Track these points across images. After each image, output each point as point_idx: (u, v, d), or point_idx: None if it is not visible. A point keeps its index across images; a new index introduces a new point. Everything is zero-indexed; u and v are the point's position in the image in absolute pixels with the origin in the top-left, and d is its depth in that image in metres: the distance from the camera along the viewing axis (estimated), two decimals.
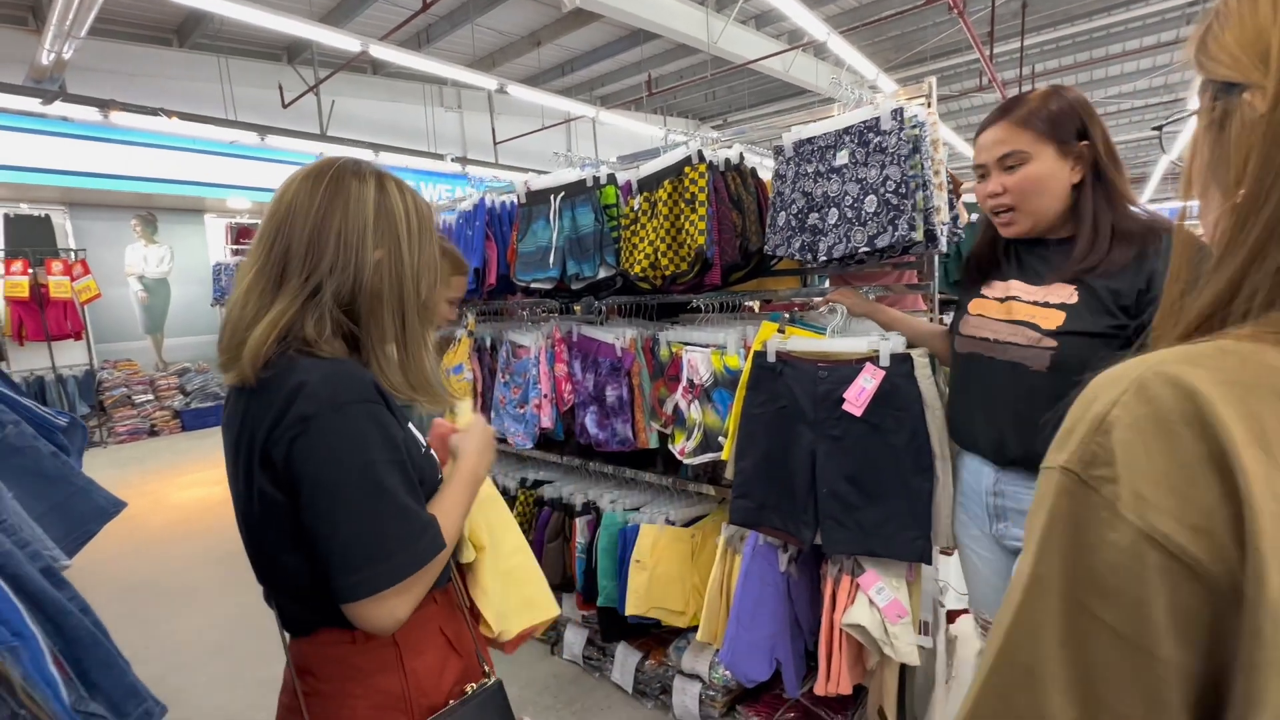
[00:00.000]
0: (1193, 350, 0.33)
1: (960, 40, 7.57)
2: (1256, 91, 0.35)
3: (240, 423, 0.78)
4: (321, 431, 0.71)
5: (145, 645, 2.70)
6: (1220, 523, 0.29)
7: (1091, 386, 0.36)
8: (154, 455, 6.16)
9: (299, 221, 0.79)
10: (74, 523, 1.25)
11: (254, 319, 0.77)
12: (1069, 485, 0.33)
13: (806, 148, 1.58)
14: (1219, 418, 0.29)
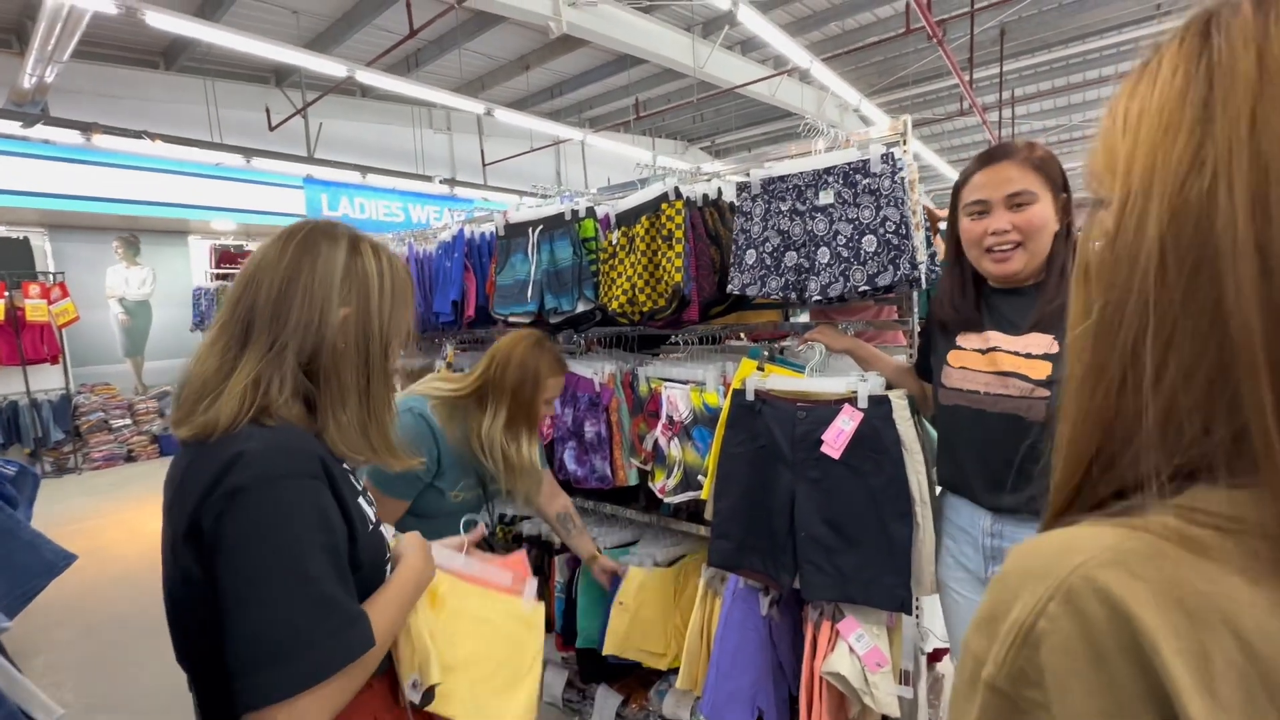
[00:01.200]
0: (1124, 548, 0.29)
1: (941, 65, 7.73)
2: (1103, 204, 0.33)
3: (180, 483, 0.73)
4: (250, 505, 0.66)
5: (106, 692, 2.59)
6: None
7: (1016, 565, 0.32)
8: (130, 482, 6.01)
9: (266, 279, 0.78)
10: (18, 579, 1.19)
11: (216, 374, 0.75)
12: (999, 704, 0.30)
13: (779, 185, 1.58)
14: (1159, 652, 0.26)
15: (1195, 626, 0.26)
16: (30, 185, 5.85)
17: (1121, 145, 0.32)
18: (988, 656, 0.31)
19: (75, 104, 6.11)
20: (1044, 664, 0.28)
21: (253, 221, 7.39)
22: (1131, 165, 0.31)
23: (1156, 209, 0.29)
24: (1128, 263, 0.31)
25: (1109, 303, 0.32)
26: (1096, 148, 0.36)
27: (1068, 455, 0.35)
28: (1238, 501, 0.28)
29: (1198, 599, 0.26)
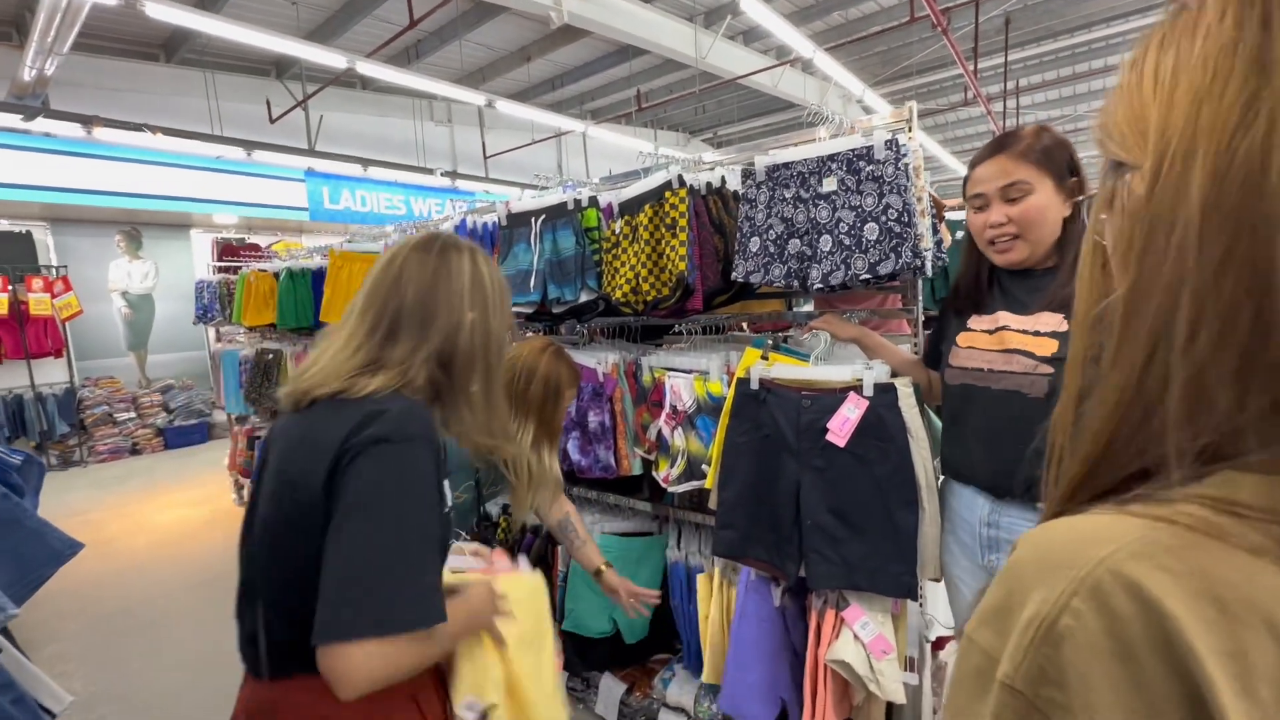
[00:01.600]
0: (1152, 539, 0.27)
1: (945, 55, 7.66)
2: (1136, 174, 0.31)
3: (306, 435, 0.81)
4: (388, 455, 0.75)
5: (115, 682, 2.61)
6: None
7: (1027, 554, 0.30)
8: (135, 475, 6.04)
9: (411, 286, 0.90)
10: (25, 568, 1.19)
11: (362, 367, 0.85)
12: (1017, 707, 0.28)
13: (783, 172, 1.56)
14: (1194, 650, 0.24)
15: (1232, 624, 0.24)
16: (32, 179, 5.85)
17: (1153, 103, 0.30)
18: (1001, 654, 0.29)
19: (76, 97, 6.09)
20: (1066, 663, 0.27)
21: (254, 215, 7.38)
22: (1167, 122, 0.29)
23: (1201, 166, 0.27)
24: (1165, 226, 0.29)
25: (1142, 271, 0.30)
26: (1115, 108, 0.34)
27: (1083, 435, 0.33)
28: (1266, 489, 0.26)
29: (1234, 594, 0.25)
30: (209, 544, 4.10)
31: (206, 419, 7.31)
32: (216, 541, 4.13)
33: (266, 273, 3.79)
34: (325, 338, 0.91)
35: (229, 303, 4.38)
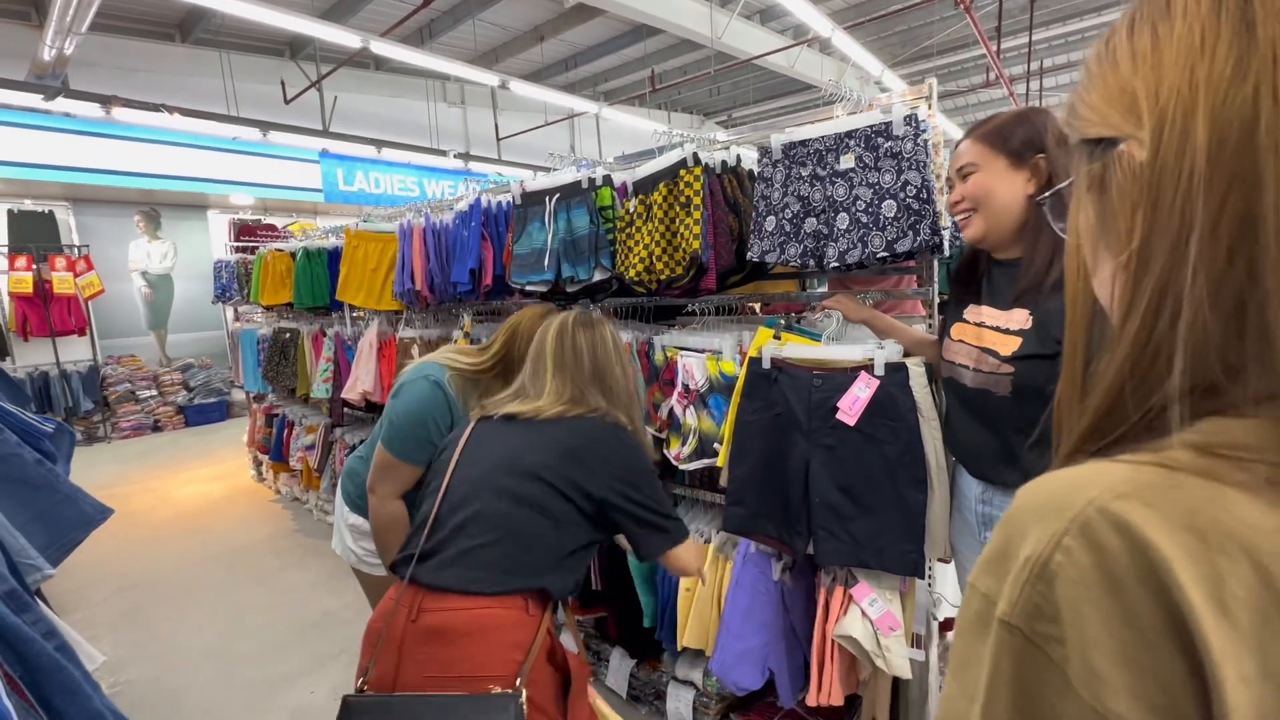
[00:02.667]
0: (1139, 479, 0.29)
1: (967, 35, 7.49)
2: (1132, 142, 0.33)
3: (571, 442, 1.20)
4: (641, 467, 1.23)
5: (143, 645, 2.70)
6: (1185, 704, 0.26)
7: (1025, 504, 0.32)
8: (157, 451, 6.19)
9: (583, 356, 1.31)
10: (59, 531, 1.24)
11: (566, 398, 1.27)
12: (1013, 643, 0.30)
13: (800, 150, 1.55)
14: (1176, 578, 0.26)
15: (1211, 552, 0.26)
16: (53, 159, 5.94)
17: (1136, 77, 0.33)
18: (999, 595, 0.31)
19: (94, 77, 6.14)
20: (1060, 597, 0.28)
21: (270, 196, 7.44)
22: (1160, 87, 0.31)
23: (1202, 122, 0.29)
24: (1172, 179, 0.30)
25: (1152, 227, 0.32)
26: (1089, 95, 0.36)
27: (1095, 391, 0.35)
28: (1253, 430, 0.28)
29: (1213, 526, 0.26)
30: (230, 517, 4.20)
31: (225, 397, 7.45)
32: (236, 515, 4.24)
33: (283, 252, 3.83)
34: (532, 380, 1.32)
35: (247, 282, 4.44)
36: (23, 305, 6.23)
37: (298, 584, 3.19)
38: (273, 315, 4.59)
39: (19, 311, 6.24)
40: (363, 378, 3.01)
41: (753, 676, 1.65)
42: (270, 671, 2.46)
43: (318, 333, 3.65)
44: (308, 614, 2.88)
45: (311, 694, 2.31)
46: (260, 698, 2.31)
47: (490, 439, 1.22)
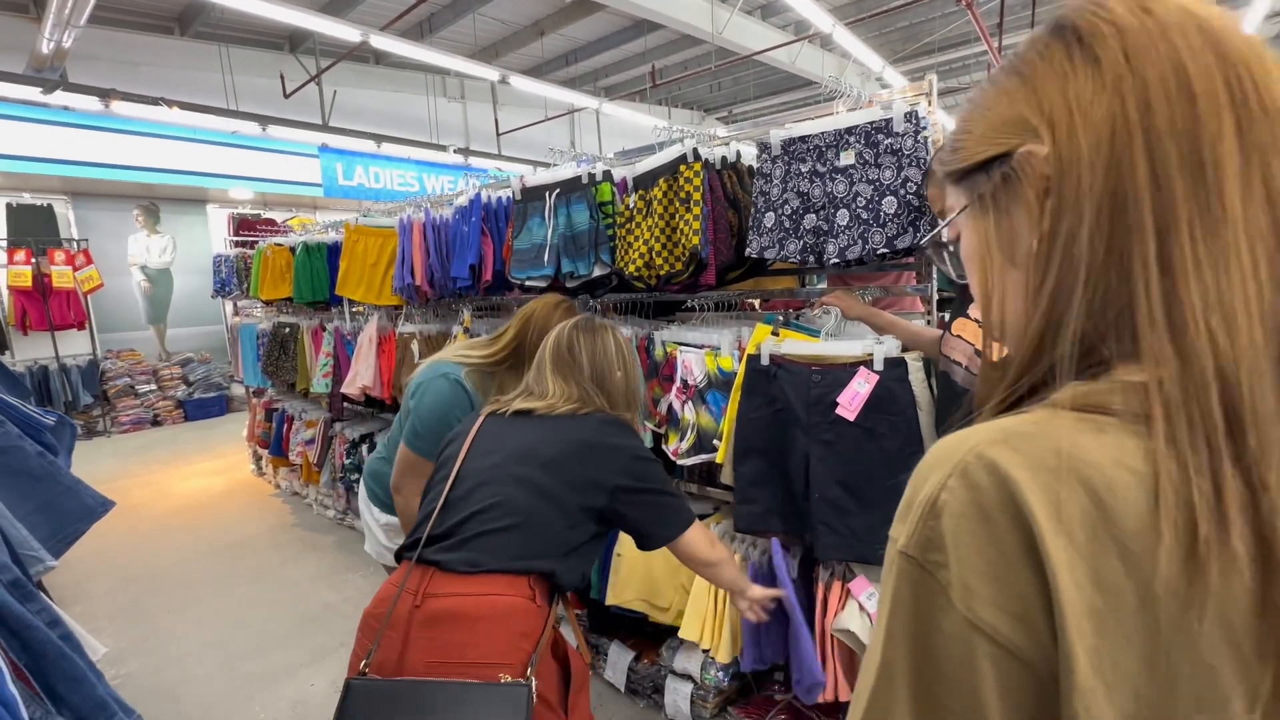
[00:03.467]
0: (1010, 428, 0.35)
1: (968, 31, 7.47)
2: (1030, 145, 0.39)
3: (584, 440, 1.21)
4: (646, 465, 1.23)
5: (143, 638, 2.71)
6: (1036, 610, 0.31)
7: (925, 461, 0.37)
8: (157, 445, 6.19)
9: (583, 356, 1.31)
10: (61, 522, 1.24)
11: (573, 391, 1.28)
12: (910, 570, 0.35)
13: (799, 146, 1.55)
14: (1029, 506, 0.31)
15: (1056, 483, 0.31)
16: (52, 152, 5.92)
17: (1021, 104, 0.40)
18: (901, 535, 0.36)
19: (93, 70, 6.12)
20: (944, 529, 0.34)
21: (269, 190, 7.43)
22: (1042, 105, 0.39)
23: (1080, 125, 0.37)
24: (1073, 172, 0.37)
25: (1059, 213, 0.37)
26: (975, 124, 0.43)
27: (1018, 366, 0.40)
28: (1108, 389, 0.34)
29: (1060, 460, 0.32)
30: (230, 511, 4.21)
31: (225, 392, 7.45)
32: (237, 509, 4.25)
33: (283, 247, 3.83)
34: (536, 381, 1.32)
35: (246, 277, 4.44)
36: (22, 299, 6.22)
37: (297, 578, 3.20)
38: (272, 310, 4.59)
39: (18, 305, 6.23)
40: (362, 372, 3.01)
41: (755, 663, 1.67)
42: (270, 664, 2.47)
43: (317, 327, 3.65)
44: (307, 608, 2.89)
45: (311, 686, 2.33)
46: (260, 690, 2.32)
47: (502, 432, 1.23)
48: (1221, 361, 0.32)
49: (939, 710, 0.34)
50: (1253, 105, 0.34)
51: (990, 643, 0.32)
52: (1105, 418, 0.33)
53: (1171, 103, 0.35)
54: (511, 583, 1.06)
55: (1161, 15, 0.36)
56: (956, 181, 0.45)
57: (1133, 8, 0.37)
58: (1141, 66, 0.36)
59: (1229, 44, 0.36)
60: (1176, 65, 0.35)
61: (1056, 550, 0.30)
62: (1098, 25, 0.37)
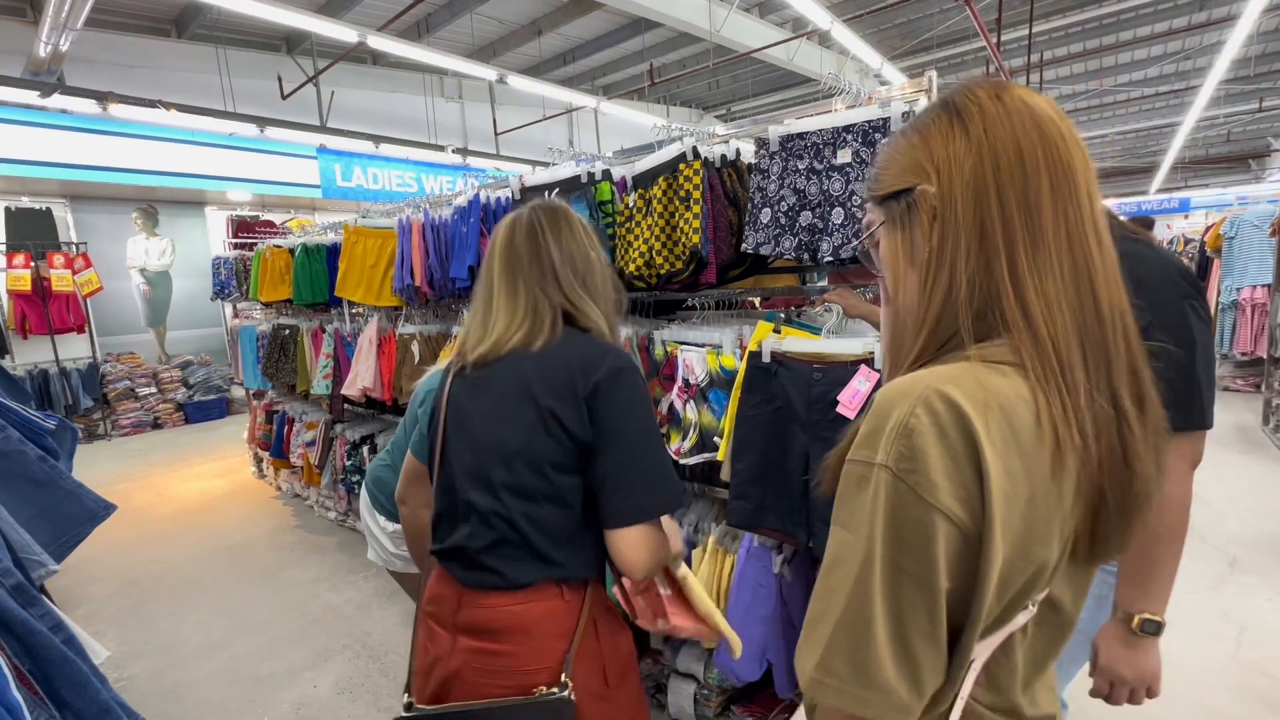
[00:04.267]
0: (949, 371, 0.50)
1: (967, 27, 7.47)
2: (925, 186, 0.56)
3: (540, 374, 0.98)
4: (631, 381, 0.97)
5: (146, 641, 2.72)
6: (975, 494, 0.46)
7: (885, 398, 0.50)
8: (157, 448, 6.19)
9: (548, 246, 1.05)
10: (63, 527, 1.24)
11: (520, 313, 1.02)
12: (888, 479, 0.48)
13: (797, 143, 1.55)
14: (973, 423, 0.46)
15: (987, 410, 0.47)
16: (50, 155, 5.91)
17: (920, 154, 0.56)
18: (876, 455, 0.49)
19: (90, 73, 6.11)
20: (915, 446, 0.47)
21: (268, 192, 7.42)
22: (933, 158, 0.55)
23: (956, 175, 0.54)
24: (949, 202, 0.54)
25: (944, 231, 0.54)
26: (889, 165, 0.60)
27: (921, 330, 0.55)
28: (1000, 347, 0.51)
29: (986, 394, 0.48)
30: (231, 514, 4.21)
31: (225, 394, 7.45)
32: (239, 511, 4.25)
33: (282, 249, 3.82)
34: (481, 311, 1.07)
35: (245, 279, 4.44)
36: (21, 303, 6.22)
37: (299, 580, 3.20)
38: (272, 312, 4.59)
39: (18, 309, 6.23)
40: (362, 374, 3.01)
41: (753, 669, 1.66)
42: (273, 666, 2.47)
43: (317, 329, 3.65)
44: (309, 609, 2.89)
45: (314, 688, 2.33)
46: (263, 692, 2.32)
47: (468, 409, 1.04)
48: (1053, 333, 0.50)
49: (900, 575, 0.48)
50: (1059, 168, 0.52)
51: (945, 520, 0.46)
52: (1002, 365, 0.50)
53: (1012, 166, 0.52)
54: (533, 590, 0.99)
55: (1008, 102, 0.54)
56: (877, 204, 0.61)
57: (991, 95, 0.55)
58: (993, 139, 0.53)
59: (1047, 127, 0.53)
60: (1015, 140, 0.53)
61: (989, 454, 0.46)
62: (969, 106, 0.55)
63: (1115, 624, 1.03)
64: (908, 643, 0.48)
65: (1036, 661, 0.57)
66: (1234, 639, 2.36)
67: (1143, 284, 0.94)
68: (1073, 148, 0.53)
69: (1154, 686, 1.02)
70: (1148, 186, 14.96)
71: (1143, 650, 1.00)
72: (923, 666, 0.48)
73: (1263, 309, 5.62)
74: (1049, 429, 0.48)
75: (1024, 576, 0.49)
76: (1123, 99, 10.67)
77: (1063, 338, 0.50)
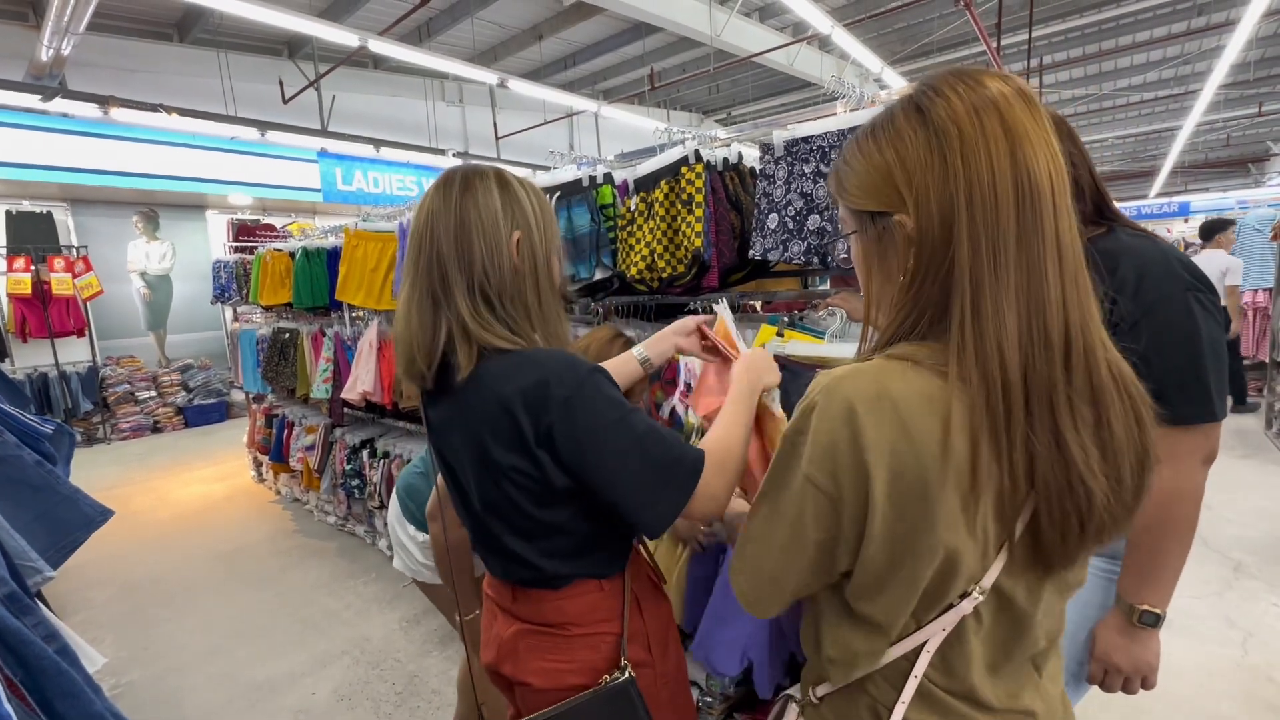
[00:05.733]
0: (857, 369, 0.59)
1: (967, 32, 7.48)
2: (902, 216, 0.59)
3: (478, 418, 0.84)
4: (587, 408, 0.81)
5: (144, 646, 2.70)
6: (847, 470, 0.57)
7: (817, 379, 0.61)
8: (157, 452, 6.18)
9: (441, 226, 0.86)
10: (59, 532, 1.23)
11: (431, 328, 0.86)
12: (788, 442, 0.62)
13: (802, 147, 1.54)
14: (859, 415, 0.56)
15: (877, 399, 0.55)
16: (51, 159, 5.92)
17: (897, 175, 0.59)
18: (791, 420, 0.62)
19: (92, 77, 6.12)
20: (808, 421, 0.59)
21: (268, 195, 7.42)
22: (911, 184, 0.58)
23: (934, 206, 0.56)
24: (927, 237, 0.57)
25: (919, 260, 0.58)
26: (856, 178, 0.63)
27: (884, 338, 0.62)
28: (920, 348, 0.58)
29: (877, 386, 0.56)
30: (230, 517, 4.20)
31: (225, 398, 7.44)
32: (238, 515, 4.23)
33: (282, 252, 3.82)
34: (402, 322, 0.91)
35: (246, 282, 4.43)
36: (21, 306, 6.21)
37: (299, 585, 3.18)
38: (272, 315, 4.58)
39: (18, 313, 6.22)
40: (362, 378, 3.00)
41: (730, 663, 1.66)
42: (272, 672, 2.45)
43: (317, 333, 3.64)
44: (309, 615, 2.87)
45: (313, 695, 2.31)
46: (262, 698, 2.30)
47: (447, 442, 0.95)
48: (1005, 373, 0.53)
49: (777, 515, 0.62)
50: (1027, 195, 0.54)
51: (815, 489, 0.59)
52: (918, 365, 0.57)
53: (985, 199, 0.54)
54: (572, 587, 0.94)
55: (986, 125, 0.55)
56: (848, 209, 0.65)
57: (969, 111, 0.55)
58: (970, 170, 0.54)
59: (1021, 148, 0.54)
60: (990, 170, 0.54)
61: (872, 431, 0.55)
62: (947, 126, 0.55)
63: (1115, 613, 1.02)
64: (776, 558, 0.63)
65: (1002, 650, 0.61)
66: (1239, 645, 2.34)
67: (1144, 278, 0.93)
68: (1043, 165, 0.54)
69: (1150, 678, 1.01)
70: (1148, 190, 14.98)
71: (1140, 641, 0.99)
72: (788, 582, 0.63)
73: (1264, 313, 5.61)
74: (961, 425, 0.54)
75: (934, 556, 0.55)
76: (1122, 103, 10.69)
77: (1010, 378, 0.53)
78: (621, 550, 0.99)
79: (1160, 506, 0.93)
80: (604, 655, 0.96)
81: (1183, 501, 0.95)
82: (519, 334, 0.87)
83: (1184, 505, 0.95)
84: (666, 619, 1.07)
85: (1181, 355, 0.92)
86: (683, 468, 0.82)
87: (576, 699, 0.92)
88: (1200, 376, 0.92)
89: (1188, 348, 0.92)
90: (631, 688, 0.93)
